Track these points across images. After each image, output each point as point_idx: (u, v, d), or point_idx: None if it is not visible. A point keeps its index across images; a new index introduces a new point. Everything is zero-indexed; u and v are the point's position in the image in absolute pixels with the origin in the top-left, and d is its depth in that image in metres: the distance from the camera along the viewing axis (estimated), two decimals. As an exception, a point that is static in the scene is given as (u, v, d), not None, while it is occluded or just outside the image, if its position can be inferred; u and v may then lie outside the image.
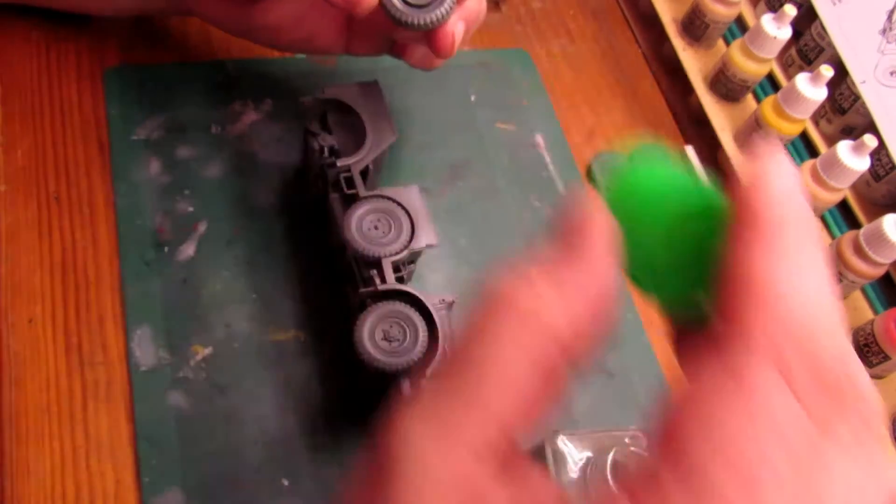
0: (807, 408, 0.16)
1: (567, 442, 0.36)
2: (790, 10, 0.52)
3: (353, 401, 0.42)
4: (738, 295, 0.17)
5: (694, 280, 0.20)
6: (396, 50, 0.45)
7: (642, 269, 0.21)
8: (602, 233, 0.20)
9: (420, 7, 0.36)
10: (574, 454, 0.36)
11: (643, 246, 0.21)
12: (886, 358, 0.46)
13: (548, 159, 0.55)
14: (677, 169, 0.22)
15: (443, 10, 0.36)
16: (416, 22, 0.36)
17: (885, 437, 0.18)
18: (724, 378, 0.17)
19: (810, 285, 0.17)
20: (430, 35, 0.38)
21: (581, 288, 0.19)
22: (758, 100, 0.58)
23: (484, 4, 0.41)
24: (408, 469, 0.18)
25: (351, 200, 0.40)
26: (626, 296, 0.50)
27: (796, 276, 0.17)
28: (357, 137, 0.42)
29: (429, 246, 0.39)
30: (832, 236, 0.53)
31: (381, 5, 0.36)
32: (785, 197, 0.18)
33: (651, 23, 0.63)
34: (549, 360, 0.19)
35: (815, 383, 0.17)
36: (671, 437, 0.17)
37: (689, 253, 0.20)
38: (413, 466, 0.18)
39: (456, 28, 0.38)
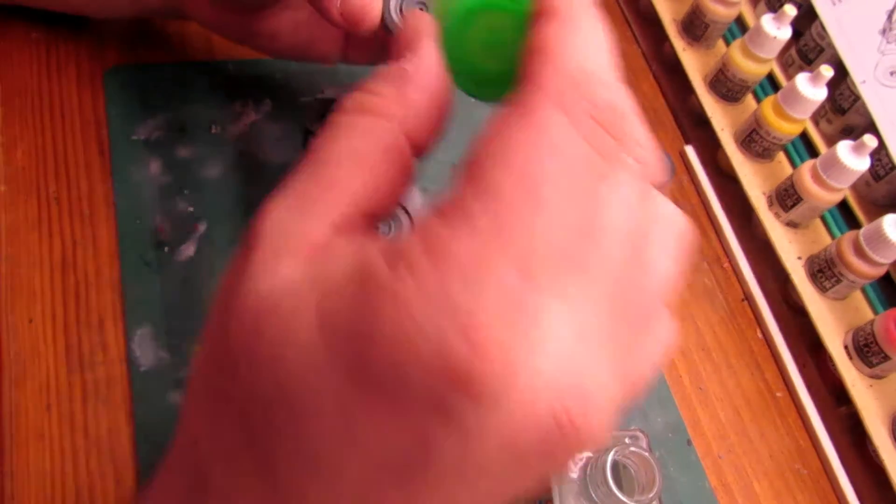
0: (588, 140, 0.19)
1: (567, 442, 0.36)
2: (790, 10, 0.52)
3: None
4: (532, 61, 0.20)
5: (507, 81, 0.23)
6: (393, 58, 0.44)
7: (463, 74, 0.24)
8: (428, 39, 0.23)
9: None
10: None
11: (462, 54, 0.24)
12: (886, 358, 0.46)
13: (548, 159, 0.55)
14: None
15: None
16: None
17: (657, 184, 0.22)
18: (516, 117, 0.19)
19: (590, 49, 0.21)
20: None
21: (416, 83, 0.22)
22: (758, 100, 0.58)
23: None
24: (267, 238, 0.20)
25: (351, 200, 0.40)
26: (626, 296, 0.50)
27: (579, 43, 0.21)
28: (357, 137, 0.42)
29: None
30: (832, 236, 0.53)
31: (383, 24, 0.36)
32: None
33: (651, 23, 0.63)
34: (397, 146, 0.22)
35: (595, 122, 0.19)
36: (471, 164, 0.19)
37: (501, 57, 0.23)
38: (272, 235, 0.20)
39: None
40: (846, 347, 0.49)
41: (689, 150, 0.57)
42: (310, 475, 0.18)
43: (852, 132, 0.55)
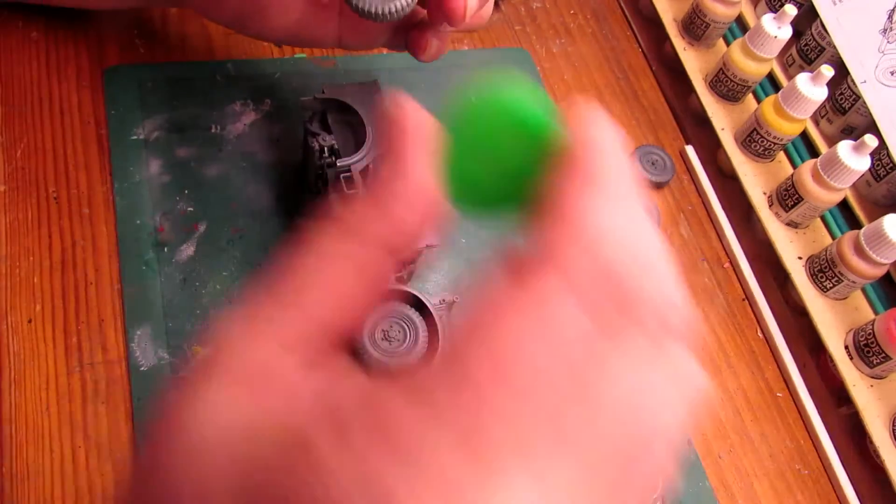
0: (592, 316, 0.17)
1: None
2: (790, 10, 0.52)
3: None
4: (549, 223, 0.18)
5: (510, 201, 0.21)
6: (392, 42, 0.44)
7: (464, 185, 0.22)
8: (422, 145, 0.20)
9: None
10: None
11: (468, 162, 0.21)
12: (887, 358, 0.46)
13: (548, 159, 0.55)
14: (524, 98, 0.21)
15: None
16: (376, 11, 0.33)
17: (696, 350, 0.20)
18: (513, 287, 0.17)
19: (618, 222, 0.18)
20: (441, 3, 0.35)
21: (405, 205, 0.20)
22: (758, 100, 0.58)
23: None
24: (219, 357, 0.19)
25: (351, 200, 0.39)
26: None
27: (605, 213, 0.18)
28: (357, 137, 0.42)
29: (429, 246, 0.39)
30: (832, 236, 0.53)
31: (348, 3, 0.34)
32: (607, 151, 0.19)
33: (651, 22, 0.63)
34: (374, 264, 0.20)
35: (605, 296, 0.17)
36: (453, 341, 0.17)
37: (510, 175, 0.21)
38: (224, 355, 0.19)
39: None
40: (847, 347, 0.49)
41: (690, 150, 0.57)
42: None
43: (853, 132, 0.55)
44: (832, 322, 0.50)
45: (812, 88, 0.51)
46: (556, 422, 0.16)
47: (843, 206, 0.53)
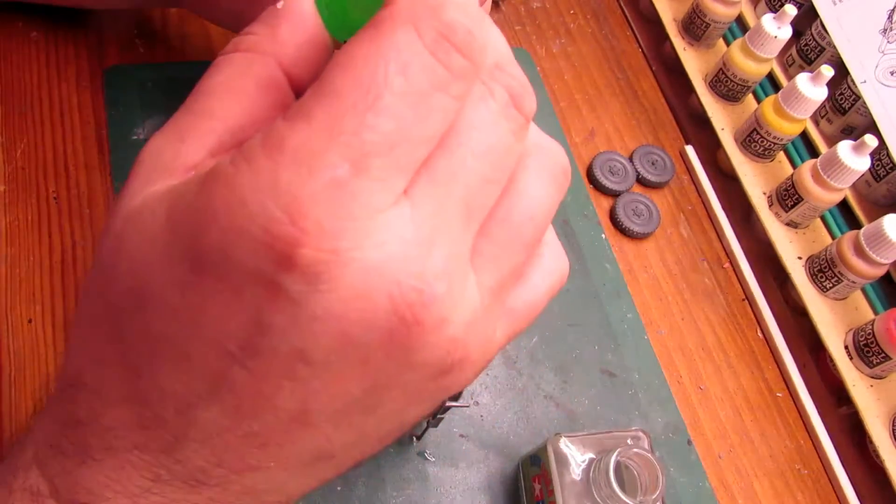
0: (435, 54, 0.19)
1: (569, 444, 0.36)
2: (790, 10, 0.52)
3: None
4: None
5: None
6: None
7: (335, 22, 0.23)
8: None
9: None
10: (577, 456, 0.36)
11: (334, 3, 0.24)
12: (887, 358, 0.46)
13: (548, 159, 0.54)
14: None
15: None
16: None
17: (530, 114, 0.21)
18: (366, 33, 0.19)
19: None
20: None
21: (287, 21, 0.22)
22: (758, 100, 0.58)
23: None
24: (143, 165, 0.21)
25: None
26: (626, 296, 0.50)
27: None
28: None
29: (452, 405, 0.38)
30: (832, 236, 0.53)
31: None
32: None
33: (651, 22, 0.63)
34: (273, 79, 0.22)
35: (445, 39, 0.19)
36: (320, 75, 0.19)
37: (371, 8, 0.22)
38: (148, 161, 0.21)
39: None
40: (846, 347, 0.49)
41: (690, 150, 0.57)
42: (162, 360, 0.20)
43: (853, 132, 0.55)
44: (832, 322, 0.50)
45: (812, 88, 0.51)
46: (419, 146, 0.19)
47: (843, 206, 0.53)
